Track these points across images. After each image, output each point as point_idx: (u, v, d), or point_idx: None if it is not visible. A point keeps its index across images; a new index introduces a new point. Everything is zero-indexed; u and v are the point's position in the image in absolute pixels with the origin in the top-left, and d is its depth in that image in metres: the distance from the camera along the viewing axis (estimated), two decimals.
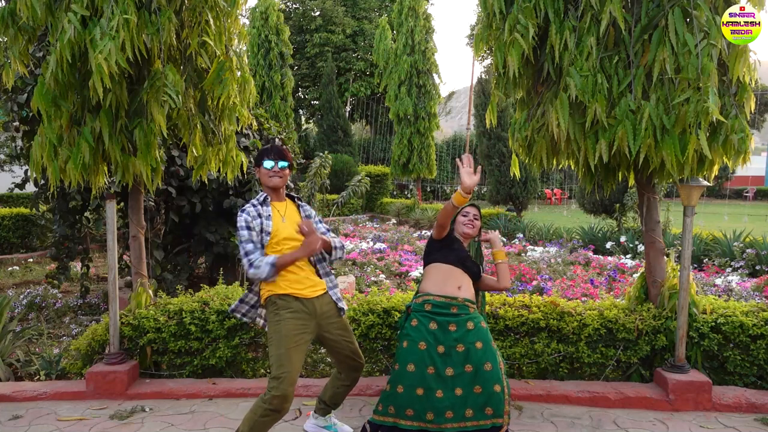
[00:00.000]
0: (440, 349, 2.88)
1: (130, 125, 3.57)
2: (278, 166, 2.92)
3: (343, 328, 3.01)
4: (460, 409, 2.81)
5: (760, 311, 3.84)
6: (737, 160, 3.36)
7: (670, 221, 9.57)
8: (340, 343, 2.98)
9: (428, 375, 2.84)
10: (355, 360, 3.05)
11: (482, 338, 2.91)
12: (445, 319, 2.92)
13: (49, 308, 5.96)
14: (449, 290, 2.98)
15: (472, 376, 2.84)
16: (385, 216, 16.27)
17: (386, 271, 7.88)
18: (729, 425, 3.36)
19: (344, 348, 3.00)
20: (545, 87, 3.63)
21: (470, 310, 2.98)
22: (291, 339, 2.76)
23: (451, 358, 2.86)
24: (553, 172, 25.65)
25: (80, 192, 5.56)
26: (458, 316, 2.93)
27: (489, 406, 2.82)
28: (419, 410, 2.82)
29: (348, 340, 3.02)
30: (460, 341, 2.88)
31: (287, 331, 2.77)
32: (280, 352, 2.73)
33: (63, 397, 3.73)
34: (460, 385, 2.83)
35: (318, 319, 2.89)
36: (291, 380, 2.70)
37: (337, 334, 2.97)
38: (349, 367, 3.06)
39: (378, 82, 21.27)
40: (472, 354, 2.86)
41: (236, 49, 4.03)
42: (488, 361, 2.87)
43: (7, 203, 13.17)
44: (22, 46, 3.62)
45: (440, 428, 2.81)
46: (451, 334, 2.90)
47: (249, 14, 19.46)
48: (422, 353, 2.88)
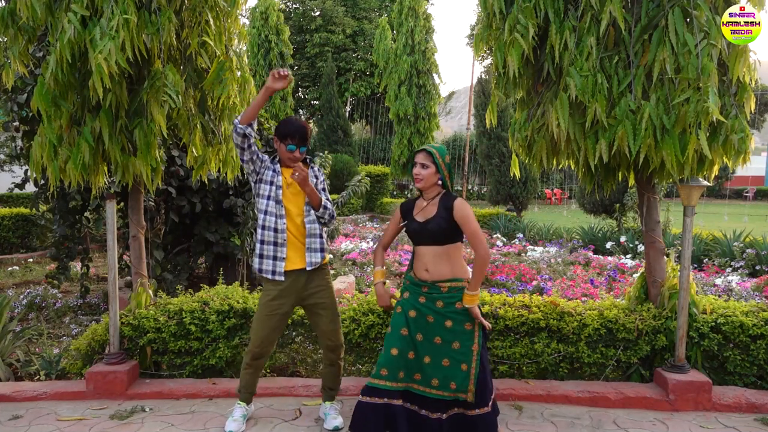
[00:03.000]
0: (411, 313, 3.01)
1: (130, 125, 3.57)
2: (299, 151, 3.12)
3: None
4: (428, 376, 2.95)
5: (760, 311, 3.84)
6: (737, 160, 3.36)
7: (670, 221, 9.57)
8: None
9: (401, 336, 2.99)
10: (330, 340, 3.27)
11: (453, 318, 2.97)
12: (417, 293, 3.06)
13: (49, 308, 5.96)
14: (419, 273, 3.08)
15: (439, 348, 2.96)
16: (385, 216, 16.27)
17: (386, 271, 7.87)
18: (729, 425, 3.36)
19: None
20: (545, 87, 3.63)
21: (442, 289, 2.99)
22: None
23: (421, 325, 3.00)
24: (553, 172, 25.65)
25: (80, 192, 5.56)
26: (429, 293, 3.02)
27: (453, 381, 2.93)
28: (392, 369, 2.96)
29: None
30: (429, 313, 3.00)
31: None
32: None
33: (63, 397, 3.73)
34: (428, 353, 2.97)
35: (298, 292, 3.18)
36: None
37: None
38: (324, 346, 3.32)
39: (378, 82, 21.27)
40: (441, 329, 2.97)
41: (236, 49, 4.03)
42: (456, 341, 2.95)
43: (7, 203, 13.16)
44: (22, 46, 3.62)
45: (407, 387, 2.97)
46: (422, 304, 3.02)
47: (249, 14, 19.47)
48: (398, 316, 3.06)
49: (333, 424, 3.25)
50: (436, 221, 2.99)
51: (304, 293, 3.20)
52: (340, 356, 3.35)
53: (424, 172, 3.02)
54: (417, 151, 3.09)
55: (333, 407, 3.37)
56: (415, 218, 3.08)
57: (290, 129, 3.09)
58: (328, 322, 3.24)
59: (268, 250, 3.13)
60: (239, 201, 5.75)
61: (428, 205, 3.08)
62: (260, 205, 3.14)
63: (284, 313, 3.21)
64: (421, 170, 3.03)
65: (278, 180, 3.12)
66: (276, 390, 3.77)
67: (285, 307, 3.18)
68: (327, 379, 3.39)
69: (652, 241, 3.89)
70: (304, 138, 3.11)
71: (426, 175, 3.02)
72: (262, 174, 3.15)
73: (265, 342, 3.20)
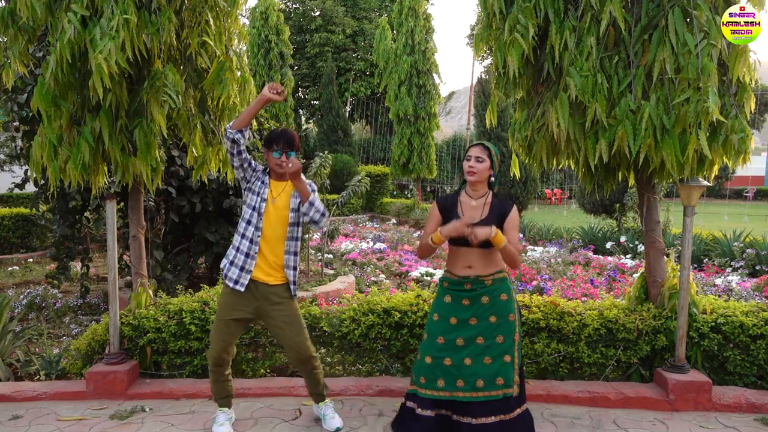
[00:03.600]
0: (452, 320, 2.93)
1: (130, 125, 3.57)
2: (285, 156, 3.06)
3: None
4: (471, 378, 2.85)
5: (760, 311, 3.84)
6: (737, 160, 3.36)
7: (670, 221, 9.57)
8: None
9: (437, 344, 2.92)
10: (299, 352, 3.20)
11: (498, 311, 2.91)
12: (459, 294, 2.97)
13: (49, 308, 5.96)
14: (459, 270, 2.98)
15: (482, 348, 2.88)
16: (385, 216, 16.28)
17: (386, 271, 7.88)
18: (729, 425, 3.36)
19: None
20: (545, 87, 3.63)
21: (486, 283, 2.93)
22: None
23: (463, 329, 2.91)
24: (553, 172, 25.65)
25: (80, 192, 5.56)
26: (473, 290, 2.94)
27: (499, 376, 2.86)
28: (430, 378, 2.90)
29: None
30: (473, 315, 2.92)
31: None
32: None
33: (63, 397, 3.73)
34: (469, 355, 2.88)
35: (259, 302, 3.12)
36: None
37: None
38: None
39: (378, 82, 21.27)
40: (485, 327, 2.90)
41: (236, 49, 4.03)
42: (500, 334, 2.89)
43: (7, 203, 13.16)
44: (22, 46, 3.62)
45: (452, 396, 2.87)
46: (465, 308, 2.93)
47: (249, 14, 19.46)
48: (435, 324, 2.97)
49: (334, 425, 3.24)
50: (488, 223, 2.87)
51: (263, 307, 3.12)
52: (314, 366, 3.24)
53: (480, 165, 2.93)
54: (473, 146, 3.01)
55: (327, 406, 3.34)
56: (462, 218, 2.94)
57: (275, 135, 3.07)
58: (292, 335, 3.13)
59: (239, 258, 3.09)
60: (239, 201, 5.75)
61: (476, 204, 2.99)
62: (243, 213, 3.13)
63: (239, 320, 3.14)
64: (476, 164, 2.93)
65: (264, 192, 3.08)
66: (276, 390, 3.77)
67: (240, 314, 3.12)
68: (309, 386, 3.34)
69: (652, 241, 3.89)
70: (289, 144, 3.05)
71: (481, 169, 2.93)
72: (252, 183, 3.13)
73: (224, 347, 3.13)
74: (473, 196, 3.01)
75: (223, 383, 3.27)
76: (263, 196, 3.08)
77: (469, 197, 3.02)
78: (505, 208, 2.97)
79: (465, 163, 2.99)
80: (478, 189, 3.01)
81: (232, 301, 3.12)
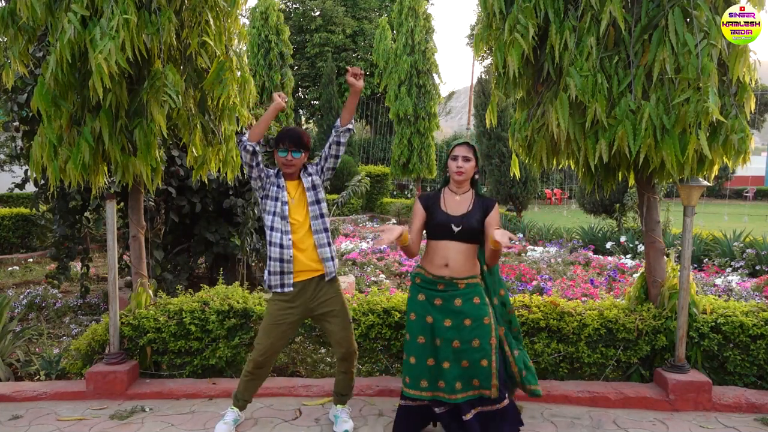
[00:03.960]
0: (429, 319, 2.94)
1: (130, 125, 3.56)
2: (291, 155, 3.10)
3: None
4: (451, 381, 2.88)
5: (760, 311, 3.84)
6: (737, 160, 3.36)
7: (670, 221, 9.57)
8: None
9: (418, 344, 2.93)
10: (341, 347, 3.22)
11: (472, 314, 2.91)
12: (431, 293, 2.97)
13: (49, 308, 5.96)
14: (434, 269, 2.97)
15: (458, 352, 2.90)
16: (385, 216, 16.28)
17: (386, 271, 7.88)
18: (729, 425, 3.36)
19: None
20: (545, 87, 3.63)
21: (460, 286, 2.93)
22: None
23: (439, 330, 2.92)
24: (553, 172, 25.64)
25: (80, 192, 5.56)
26: (445, 291, 2.94)
27: (475, 378, 2.90)
28: (414, 378, 2.93)
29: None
30: (447, 317, 2.92)
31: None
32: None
33: (63, 397, 3.73)
34: (446, 358, 2.90)
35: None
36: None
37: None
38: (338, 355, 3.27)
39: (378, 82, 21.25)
40: (461, 330, 2.90)
41: (236, 49, 4.03)
42: (476, 338, 2.90)
43: (7, 203, 13.16)
44: (22, 46, 3.61)
45: (434, 396, 2.91)
46: (437, 307, 2.94)
47: (249, 14, 19.44)
48: (414, 323, 2.97)
49: (343, 428, 3.24)
50: (471, 220, 2.94)
51: (313, 303, 3.16)
52: (353, 364, 3.28)
53: (467, 165, 2.98)
54: (458, 144, 3.02)
55: (344, 410, 3.34)
56: (446, 211, 2.99)
57: (282, 135, 3.10)
58: (339, 329, 3.17)
59: (275, 266, 3.11)
60: (239, 201, 5.75)
61: (460, 199, 3.02)
62: (267, 221, 3.14)
63: (291, 323, 3.16)
64: (464, 164, 2.97)
65: (283, 195, 3.11)
66: (276, 390, 3.77)
67: (293, 317, 3.15)
68: (339, 385, 3.33)
69: (652, 241, 3.89)
70: (296, 142, 3.08)
71: (468, 168, 2.98)
72: (268, 190, 3.15)
73: (269, 351, 3.16)
74: (457, 192, 3.05)
75: (256, 386, 3.30)
76: (283, 199, 3.10)
77: (453, 193, 3.06)
78: (488, 203, 3.03)
79: (452, 163, 3.00)
80: (462, 186, 3.05)
81: (280, 306, 3.13)
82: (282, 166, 3.14)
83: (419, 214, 3.07)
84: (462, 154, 2.98)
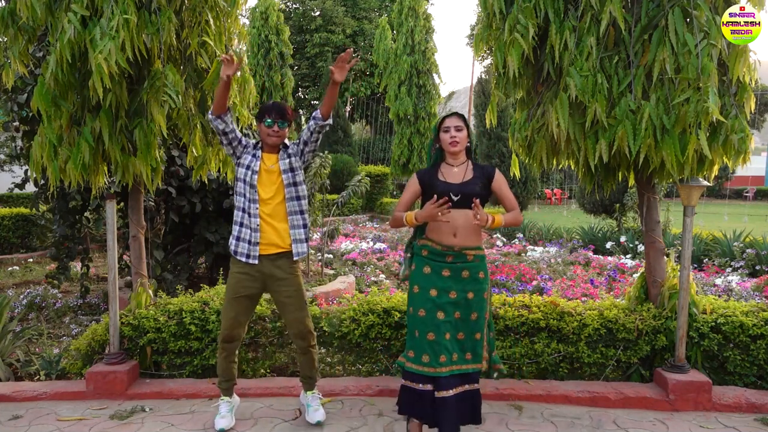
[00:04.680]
0: (432, 292, 2.91)
1: (130, 125, 3.57)
2: (277, 126, 3.15)
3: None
4: (449, 353, 2.87)
5: (760, 311, 3.84)
6: (737, 160, 3.36)
7: (670, 221, 9.57)
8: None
9: (419, 317, 2.90)
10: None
11: (475, 288, 2.94)
12: (439, 265, 2.95)
13: (49, 308, 5.96)
14: (444, 238, 2.94)
15: (458, 323, 2.92)
16: (385, 216, 16.27)
17: (386, 271, 7.88)
18: (729, 425, 3.36)
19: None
20: (545, 87, 3.63)
21: (468, 257, 2.94)
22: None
23: (443, 303, 2.90)
24: (553, 172, 25.65)
25: (80, 192, 5.56)
26: (454, 263, 2.94)
27: (468, 351, 2.92)
28: (418, 352, 2.88)
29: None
30: (453, 288, 2.91)
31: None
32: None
33: (63, 397, 3.73)
34: (447, 329, 2.89)
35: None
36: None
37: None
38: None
39: (378, 82, 21.26)
40: (463, 302, 2.92)
41: (236, 49, 4.03)
42: (475, 311, 2.93)
43: (7, 203, 13.16)
44: (22, 46, 3.62)
45: (436, 372, 2.84)
46: (444, 278, 2.93)
47: (249, 14, 19.44)
48: (416, 296, 2.95)
49: (315, 418, 3.27)
50: (474, 185, 2.93)
51: (271, 280, 3.21)
52: (311, 343, 3.32)
53: (461, 134, 2.95)
54: (448, 116, 3.00)
55: (314, 397, 3.37)
56: (447, 181, 2.96)
57: (267, 107, 3.17)
58: (294, 309, 3.23)
59: (245, 233, 3.18)
60: None
61: (458, 170, 3.00)
62: (236, 187, 3.21)
63: (251, 296, 3.24)
64: (458, 133, 2.94)
65: (255, 165, 3.15)
66: (276, 390, 3.77)
67: (252, 290, 3.23)
68: (302, 367, 3.38)
69: (652, 241, 3.89)
70: (280, 113, 3.14)
71: (462, 137, 2.95)
72: (242, 157, 3.21)
73: (233, 324, 3.23)
74: (454, 164, 3.03)
75: (230, 363, 3.33)
76: (254, 168, 3.14)
77: (450, 165, 3.04)
78: (488, 170, 3.02)
79: (445, 135, 2.97)
80: (458, 157, 3.03)
81: (241, 278, 3.20)
82: (266, 136, 3.16)
83: (413, 189, 3.06)
84: (454, 125, 2.96)
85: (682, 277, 3.60)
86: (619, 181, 4.06)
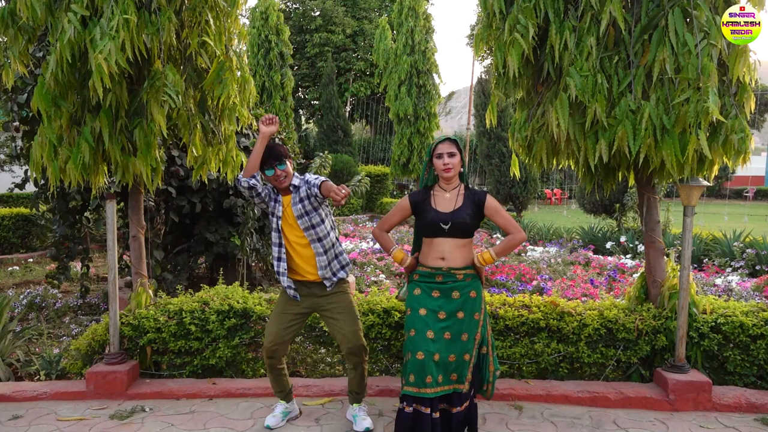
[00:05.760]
0: (422, 311, 2.94)
1: (130, 125, 3.57)
2: (278, 170, 3.17)
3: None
4: (436, 374, 2.87)
5: (760, 311, 3.84)
6: (737, 160, 3.36)
7: (670, 221, 9.57)
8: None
9: (411, 337, 2.92)
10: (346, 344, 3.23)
11: (465, 308, 2.95)
12: (429, 286, 2.98)
13: (49, 308, 5.96)
14: (431, 261, 3.00)
15: (448, 344, 2.91)
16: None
17: (386, 271, 7.87)
18: (729, 425, 3.36)
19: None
20: (545, 87, 3.63)
21: (458, 277, 2.95)
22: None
23: (433, 322, 2.92)
24: (553, 172, 25.64)
25: (80, 192, 5.56)
26: (444, 283, 2.96)
27: (455, 372, 2.91)
28: (407, 372, 2.89)
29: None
30: (442, 309, 2.93)
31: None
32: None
33: (63, 397, 3.73)
34: (437, 350, 2.88)
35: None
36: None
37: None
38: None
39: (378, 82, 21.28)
40: (453, 323, 2.92)
41: (236, 49, 4.03)
42: (465, 332, 2.94)
43: (7, 203, 13.16)
44: (22, 46, 3.61)
45: (420, 392, 2.84)
46: (434, 299, 2.95)
47: (249, 14, 19.44)
48: (409, 318, 2.99)
49: (363, 426, 3.26)
50: (461, 215, 2.94)
51: (319, 299, 3.24)
52: (363, 359, 3.28)
53: (454, 160, 2.97)
54: (440, 141, 3.02)
55: (361, 409, 3.36)
56: (436, 209, 2.99)
57: (263, 157, 3.18)
58: (344, 324, 3.21)
59: (282, 267, 3.24)
60: (239, 201, 5.75)
61: (450, 196, 3.02)
62: (271, 224, 3.31)
63: (298, 314, 3.26)
64: (450, 159, 2.96)
65: (279, 211, 3.21)
66: None
67: (299, 308, 3.25)
68: (352, 383, 3.35)
69: (652, 241, 3.89)
70: (274, 157, 3.15)
71: (455, 163, 2.98)
72: (270, 207, 3.27)
73: (276, 339, 3.21)
74: (446, 189, 3.05)
75: (279, 376, 3.34)
76: (278, 214, 3.22)
77: (443, 190, 3.06)
78: (479, 196, 3.03)
79: (438, 161, 3.00)
80: (451, 182, 3.05)
81: (287, 297, 3.28)
82: (273, 182, 3.20)
83: (402, 211, 3.14)
84: (446, 151, 2.98)
85: (682, 277, 3.60)
86: (619, 181, 4.05)
